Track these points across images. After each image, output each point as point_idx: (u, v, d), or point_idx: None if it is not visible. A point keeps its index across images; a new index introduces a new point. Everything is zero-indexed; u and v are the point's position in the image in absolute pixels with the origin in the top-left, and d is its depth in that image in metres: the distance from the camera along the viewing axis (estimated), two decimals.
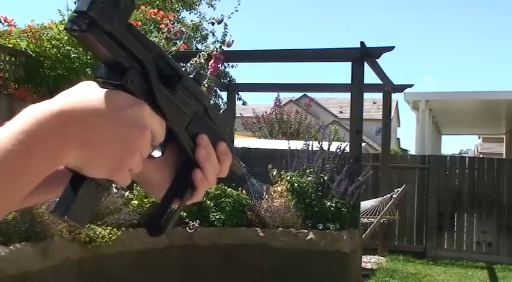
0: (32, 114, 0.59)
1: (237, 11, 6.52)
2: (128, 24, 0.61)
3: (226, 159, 0.76)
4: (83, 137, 0.60)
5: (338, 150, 7.15)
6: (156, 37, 6.34)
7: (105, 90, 0.63)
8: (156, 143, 0.68)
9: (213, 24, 6.50)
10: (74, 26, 0.58)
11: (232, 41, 6.64)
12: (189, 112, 0.71)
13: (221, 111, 0.78)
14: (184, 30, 6.50)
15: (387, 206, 8.93)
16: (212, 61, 6.49)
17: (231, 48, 6.97)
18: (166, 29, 6.33)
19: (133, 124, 0.62)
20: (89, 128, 0.60)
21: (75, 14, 0.58)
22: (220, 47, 6.58)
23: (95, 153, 0.61)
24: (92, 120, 0.60)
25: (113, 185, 0.66)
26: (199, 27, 13.03)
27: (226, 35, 6.71)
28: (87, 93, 0.63)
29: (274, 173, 7.07)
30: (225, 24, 6.88)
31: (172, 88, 0.68)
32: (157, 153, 0.70)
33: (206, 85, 6.81)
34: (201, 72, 0.74)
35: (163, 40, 6.20)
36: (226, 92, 10.69)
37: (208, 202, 6.43)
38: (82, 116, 0.60)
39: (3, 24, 7.08)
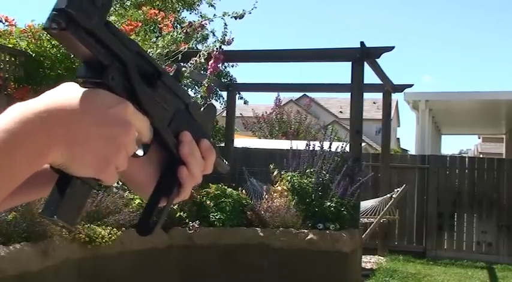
0: (16, 112, 0.59)
1: (255, 7, 6.49)
2: (106, 22, 0.61)
3: (210, 155, 0.76)
4: (67, 135, 0.60)
5: (340, 148, 7.15)
6: (175, 33, 6.30)
7: (87, 89, 0.63)
8: (143, 141, 0.68)
9: (235, 18, 6.49)
10: (53, 25, 0.58)
11: (232, 39, 6.63)
12: (171, 109, 0.71)
13: (203, 108, 0.78)
14: (205, 25, 6.47)
15: (387, 206, 8.93)
16: (212, 61, 6.49)
17: (231, 48, 6.97)
18: (187, 23, 6.31)
19: (117, 122, 0.62)
20: (73, 126, 0.60)
21: (54, 12, 0.57)
22: (220, 46, 6.57)
23: (80, 151, 0.61)
24: (76, 119, 0.61)
25: (101, 184, 0.65)
26: (203, 29, 13.02)
27: (226, 34, 6.70)
28: (70, 93, 0.63)
29: (275, 173, 7.07)
30: (225, 24, 6.87)
31: (152, 85, 0.67)
32: (140, 152, 0.70)
33: (206, 85, 6.81)
34: (180, 69, 0.74)
35: (182, 35, 6.16)
36: (226, 92, 10.69)
37: (208, 202, 6.43)
38: (66, 115, 0.60)
39: (3, 24, 7.08)
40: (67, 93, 0.63)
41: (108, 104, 0.62)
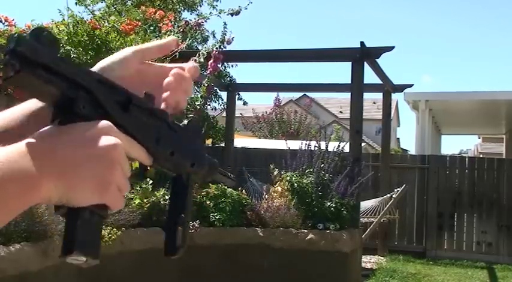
0: (1, 151, 0.59)
1: (251, 2, 6.48)
2: (60, 57, 0.60)
3: (186, 81, 0.79)
4: (55, 164, 0.59)
5: (340, 149, 7.15)
6: (171, 32, 6.30)
7: (64, 125, 0.63)
8: (145, 163, 0.68)
9: (232, 15, 6.49)
10: (9, 71, 0.56)
11: (232, 38, 6.63)
12: (152, 129, 0.70)
13: (187, 122, 0.77)
14: (202, 23, 6.47)
15: (387, 206, 8.93)
16: (211, 61, 6.49)
17: (231, 48, 6.97)
18: (183, 23, 6.31)
19: (102, 140, 0.62)
20: (59, 154, 0.60)
21: (6, 57, 0.56)
22: (219, 46, 6.57)
23: (73, 177, 0.60)
24: (60, 147, 0.60)
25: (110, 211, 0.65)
26: (200, 28, 13.01)
27: (225, 34, 6.70)
28: (50, 130, 0.63)
29: (275, 173, 7.07)
30: (224, 23, 6.87)
31: (125, 110, 0.66)
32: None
33: (206, 85, 6.81)
34: (149, 93, 0.72)
35: (179, 34, 6.16)
36: (226, 92, 10.68)
37: (208, 202, 6.42)
38: (50, 146, 0.60)
39: (3, 24, 7.08)
40: (47, 130, 0.63)
41: (88, 126, 0.62)
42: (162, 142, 0.71)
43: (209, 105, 13.29)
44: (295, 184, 6.65)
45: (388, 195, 9.14)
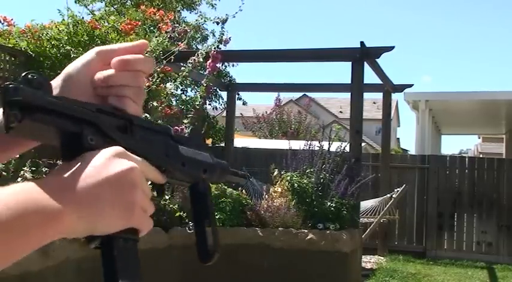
0: (17, 189, 0.58)
1: (241, 10, 6.52)
2: (55, 96, 0.60)
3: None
4: (75, 197, 0.59)
5: (340, 149, 7.15)
6: (159, 37, 6.32)
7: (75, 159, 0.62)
8: (157, 180, 0.69)
9: (217, 23, 6.52)
10: (12, 121, 0.56)
11: (230, 38, 6.65)
12: (160, 145, 0.71)
13: (190, 132, 0.79)
14: (188, 30, 6.50)
15: (387, 206, 8.93)
16: (210, 60, 6.49)
17: (230, 48, 6.98)
18: (170, 29, 6.33)
19: (116, 165, 0.62)
20: (78, 187, 0.60)
21: (6, 109, 0.56)
22: (217, 46, 6.58)
23: (96, 206, 0.60)
24: (78, 180, 0.60)
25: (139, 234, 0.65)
26: (200, 28, 13.03)
27: (223, 34, 6.72)
28: (65, 165, 0.62)
29: (275, 173, 7.07)
30: (223, 23, 6.88)
31: (129, 133, 0.67)
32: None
33: (205, 84, 6.81)
34: (146, 119, 0.73)
35: (166, 40, 6.19)
36: (226, 92, 10.69)
37: None
38: (69, 180, 0.60)
39: (3, 24, 7.08)
40: (61, 166, 0.63)
41: (102, 155, 0.62)
42: (171, 155, 0.72)
43: (209, 104, 13.30)
44: (295, 184, 6.65)
45: (388, 195, 9.14)
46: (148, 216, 0.64)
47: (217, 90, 13.21)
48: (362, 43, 7.19)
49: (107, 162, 0.61)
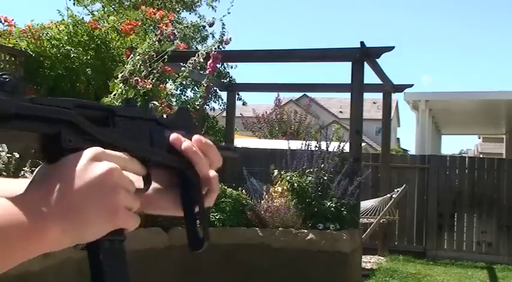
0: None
1: (229, 13, 6.53)
2: (29, 98, 0.59)
3: (208, 148, 0.75)
4: (56, 209, 0.58)
5: (340, 149, 7.15)
6: (149, 39, 6.33)
7: (52, 164, 0.61)
8: (140, 174, 0.67)
9: (203, 27, 6.56)
10: None
11: (230, 38, 6.64)
12: (145, 132, 0.70)
13: (175, 114, 0.77)
14: (176, 33, 6.50)
15: (387, 206, 8.93)
16: (210, 61, 6.49)
17: (230, 49, 6.97)
18: (159, 32, 6.35)
19: (94, 168, 0.60)
20: (57, 198, 0.58)
21: None
22: (218, 46, 6.59)
23: (79, 217, 0.59)
24: (57, 191, 0.59)
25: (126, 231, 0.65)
26: (199, 28, 13.04)
27: (224, 34, 6.72)
28: (39, 173, 0.62)
29: (275, 173, 7.07)
30: (223, 24, 6.89)
31: (112, 125, 0.66)
32: (144, 186, 0.70)
33: (205, 85, 6.81)
34: (131, 99, 0.72)
35: (156, 42, 6.19)
36: (226, 92, 10.68)
37: None
38: (47, 192, 0.59)
39: (3, 24, 7.08)
40: (39, 175, 0.62)
41: (74, 160, 0.61)
42: (156, 143, 0.71)
43: (208, 105, 13.29)
44: (295, 184, 6.65)
45: (388, 195, 9.13)
46: (133, 213, 0.64)
47: (217, 90, 13.21)
48: (362, 43, 7.19)
49: (85, 168, 0.60)
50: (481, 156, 24.39)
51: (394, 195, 9.04)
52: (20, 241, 0.56)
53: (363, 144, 10.36)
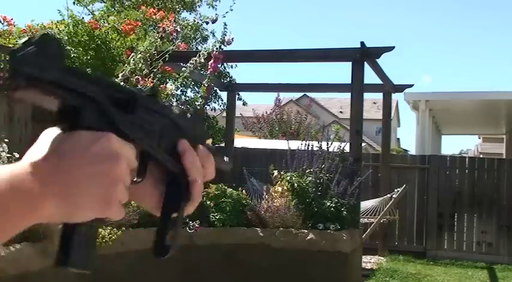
0: (4, 174, 0.57)
1: (232, 10, 6.52)
2: (67, 66, 0.60)
3: (207, 161, 0.76)
4: (58, 185, 0.59)
5: (340, 149, 7.16)
6: (151, 37, 6.33)
7: (64, 135, 0.62)
8: (130, 168, 0.67)
9: (206, 23, 6.54)
10: (15, 87, 0.56)
11: (232, 38, 6.64)
12: (156, 128, 0.71)
13: (188, 115, 0.77)
14: (179, 30, 6.50)
15: (387, 206, 8.93)
16: (211, 61, 6.49)
17: (231, 48, 6.96)
18: (161, 29, 6.34)
19: (104, 156, 0.61)
20: (62, 175, 0.59)
21: (12, 75, 0.56)
22: (219, 46, 6.58)
23: (76, 197, 0.59)
24: (62, 167, 0.59)
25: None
26: (199, 28, 13.04)
27: (225, 34, 6.71)
28: (49, 144, 0.62)
29: (275, 173, 7.07)
30: (224, 24, 6.88)
31: (131, 111, 0.67)
32: (137, 178, 0.70)
33: (206, 85, 6.81)
34: (156, 87, 0.72)
35: (158, 40, 6.19)
36: (226, 92, 10.68)
37: (208, 202, 6.43)
38: (54, 166, 0.59)
39: (2, 24, 7.09)
40: (46, 145, 0.62)
41: (89, 141, 0.61)
42: (164, 141, 0.71)
43: (208, 105, 13.29)
44: (295, 184, 6.65)
45: (388, 195, 9.13)
46: (121, 206, 0.64)
47: (217, 91, 13.21)
48: (362, 43, 7.19)
49: (95, 152, 0.61)
50: (481, 156, 24.39)
51: (394, 195, 9.04)
52: (20, 211, 0.57)
53: (363, 144, 10.36)
